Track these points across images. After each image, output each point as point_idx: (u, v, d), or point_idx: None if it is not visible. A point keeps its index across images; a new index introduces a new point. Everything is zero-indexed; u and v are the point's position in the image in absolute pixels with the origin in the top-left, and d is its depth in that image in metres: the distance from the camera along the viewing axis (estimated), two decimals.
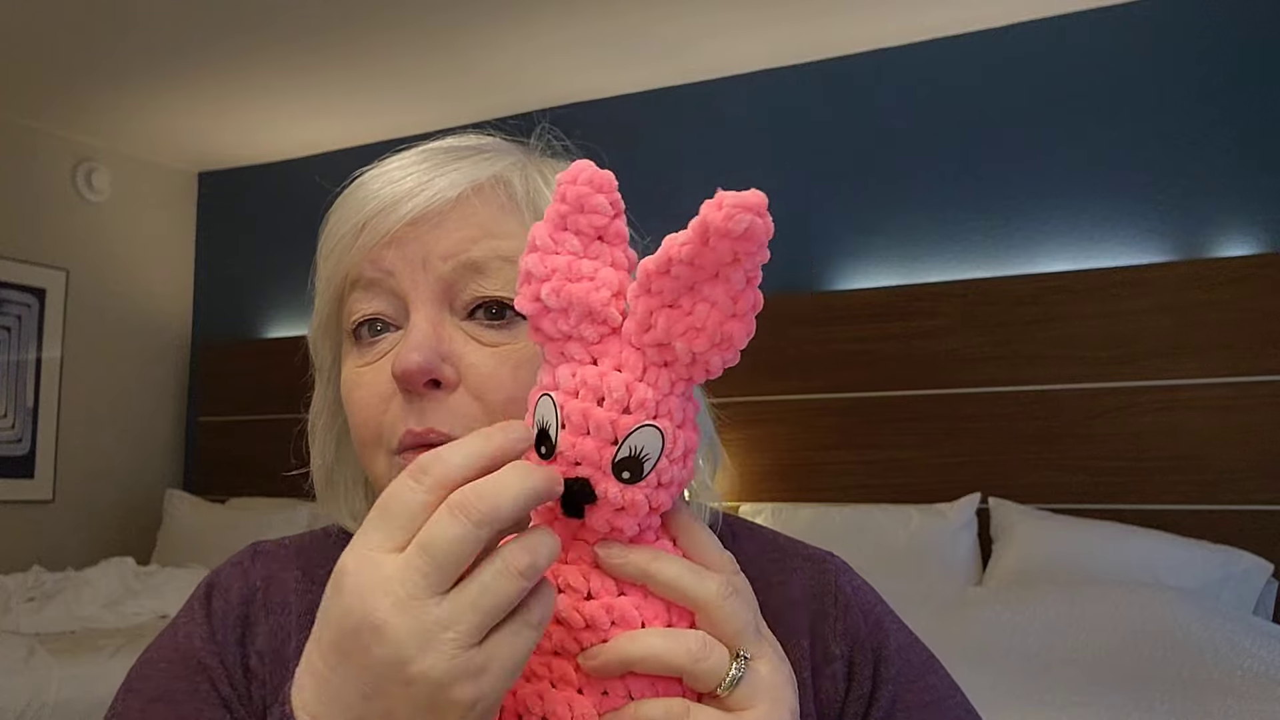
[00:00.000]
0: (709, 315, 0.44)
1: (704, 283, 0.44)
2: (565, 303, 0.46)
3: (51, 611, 3.01)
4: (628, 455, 0.45)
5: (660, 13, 3.13)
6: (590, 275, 0.47)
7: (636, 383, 0.45)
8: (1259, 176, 2.80)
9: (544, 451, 0.46)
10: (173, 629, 0.67)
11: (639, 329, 0.46)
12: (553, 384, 0.47)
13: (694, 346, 0.45)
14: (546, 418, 0.46)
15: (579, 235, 0.48)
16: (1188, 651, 2.09)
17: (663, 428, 0.46)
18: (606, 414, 0.45)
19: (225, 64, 3.54)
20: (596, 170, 0.47)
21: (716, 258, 0.43)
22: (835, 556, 0.70)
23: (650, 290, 0.45)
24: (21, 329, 4.08)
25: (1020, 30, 3.14)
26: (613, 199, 0.48)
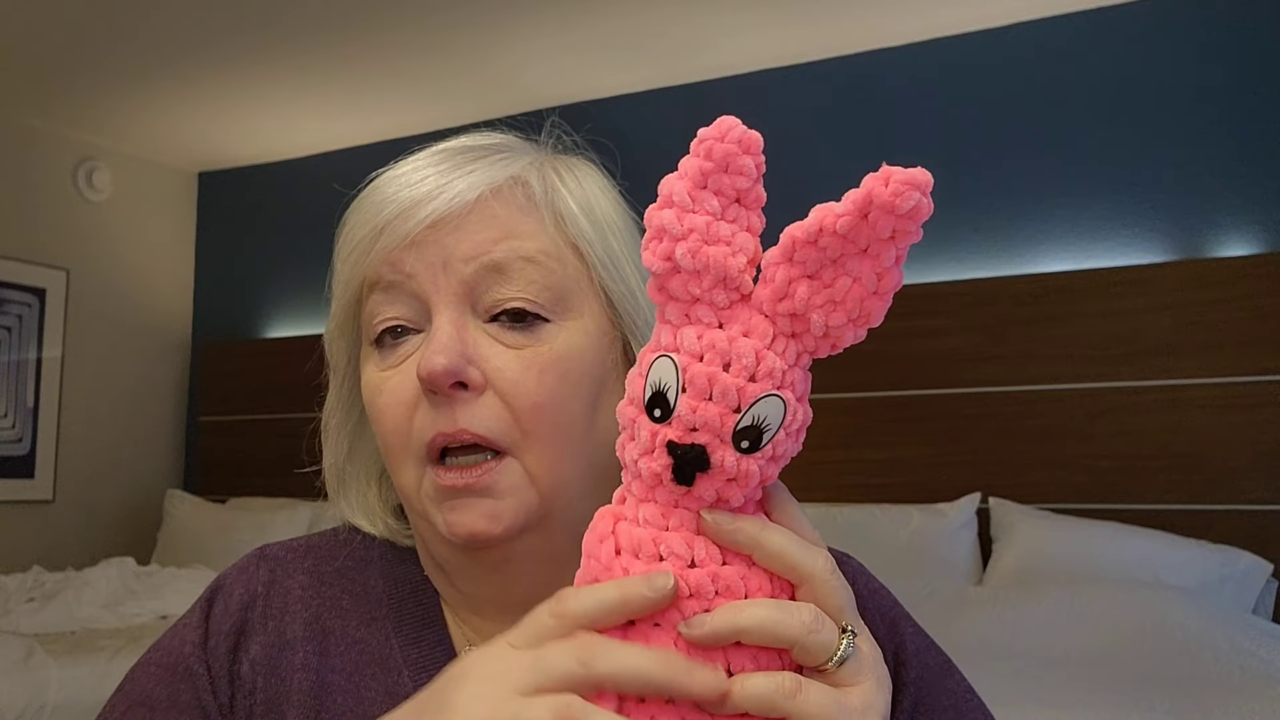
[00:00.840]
0: (850, 290, 0.43)
1: (851, 257, 0.43)
2: (701, 265, 0.45)
3: (51, 612, 3.01)
4: (750, 424, 0.44)
5: (662, 13, 3.13)
6: (728, 239, 0.45)
7: (766, 350, 0.44)
8: (1259, 176, 2.80)
9: (658, 415, 0.45)
10: (171, 633, 0.67)
11: (773, 297, 0.45)
12: (674, 345, 0.45)
13: (830, 320, 0.44)
14: (665, 379, 0.45)
15: (719, 195, 0.46)
16: (1188, 651, 2.09)
17: (786, 398, 0.45)
18: (733, 380, 0.44)
19: (225, 64, 3.54)
20: (745, 129, 0.46)
21: (873, 233, 0.42)
22: (852, 558, 0.70)
23: (793, 259, 0.44)
24: (21, 329, 4.08)
25: (1020, 30, 3.14)
26: (758, 161, 0.46)
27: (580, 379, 0.61)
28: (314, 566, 0.69)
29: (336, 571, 0.69)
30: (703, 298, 0.45)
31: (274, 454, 4.14)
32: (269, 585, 0.67)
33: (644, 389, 0.45)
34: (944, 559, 2.76)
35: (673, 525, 0.46)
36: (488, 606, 0.66)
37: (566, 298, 0.62)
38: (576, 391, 0.61)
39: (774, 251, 0.45)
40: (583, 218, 0.64)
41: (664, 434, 0.44)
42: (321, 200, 4.35)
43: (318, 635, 0.65)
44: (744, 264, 0.45)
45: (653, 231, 0.46)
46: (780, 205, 2.51)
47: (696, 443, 0.44)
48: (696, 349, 0.45)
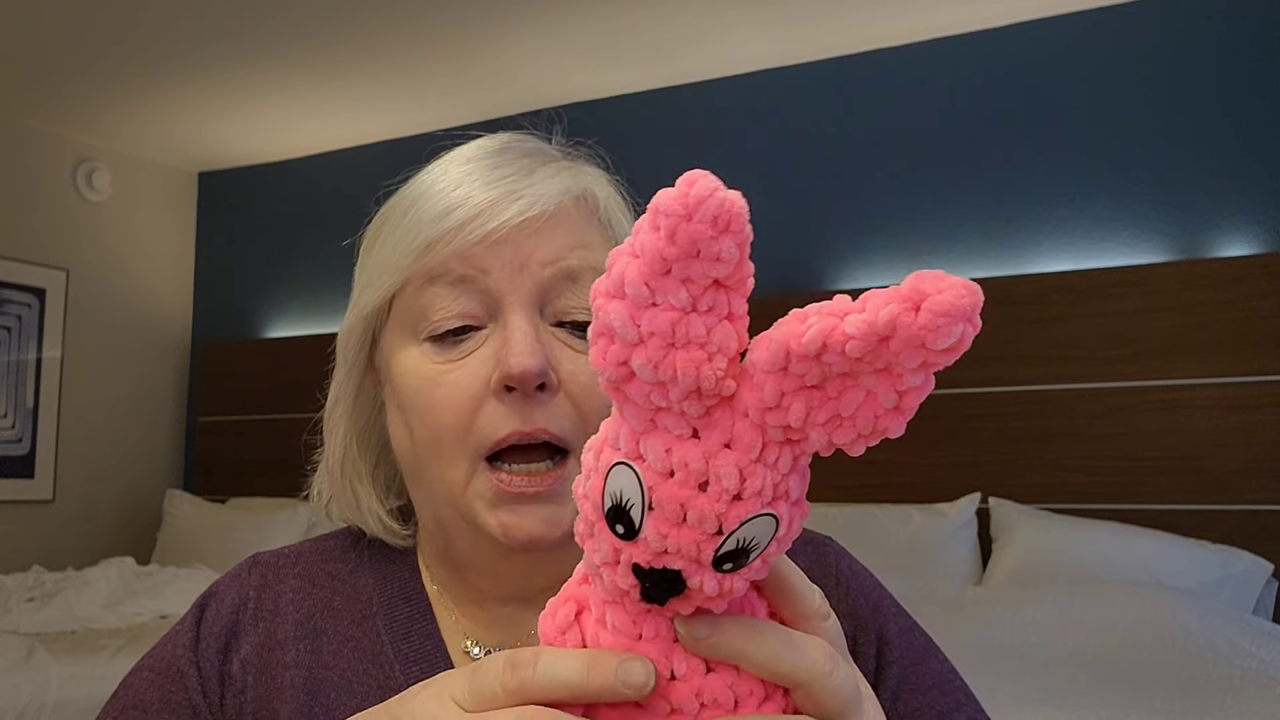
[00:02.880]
0: (862, 406, 0.35)
1: (862, 371, 0.35)
2: (667, 376, 0.35)
3: (51, 611, 3.01)
4: (734, 548, 0.37)
5: (660, 13, 3.13)
6: (702, 340, 0.35)
7: (753, 464, 0.36)
8: (1259, 176, 2.80)
9: (622, 532, 0.37)
10: (165, 639, 0.68)
11: (761, 406, 0.36)
12: (635, 454, 0.37)
13: (835, 438, 0.36)
14: (626, 493, 0.37)
15: (688, 284, 0.35)
16: (1188, 651, 2.09)
17: (779, 514, 0.37)
18: (712, 505, 0.36)
19: (225, 64, 3.54)
20: (722, 198, 0.33)
21: (894, 360, 0.33)
22: (834, 541, 0.71)
23: (787, 370, 0.35)
24: (21, 329, 4.08)
25: (1020, 30, 3.14)
26: (740, 239, 0.34)
27: None
28: (305, 571, 0.70)
29: (327, 574, 0.69)
30: (672, 408, 0.36)
31: (274, 454, 4.14)
32: (260, 589, 0.68)
33: (602, 496, 0.38)
34: (944, 559, 2.76)
35: (646, 634, 0.40)
36: (495, 599, 0.66)
37: None
38: None
39: (762, 355, 0.35)
40: (627, 234, 0.66)
41: (629, 554, 0.37)
42: (321, 200, 4.36)
43: (309, 635, 0.66)
44: (723, 367, 0.36)
45: (599, 327, 0.36)
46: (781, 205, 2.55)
47: (669, 566, 0.37)
48: (665, 465, 0.36)
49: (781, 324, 0.35)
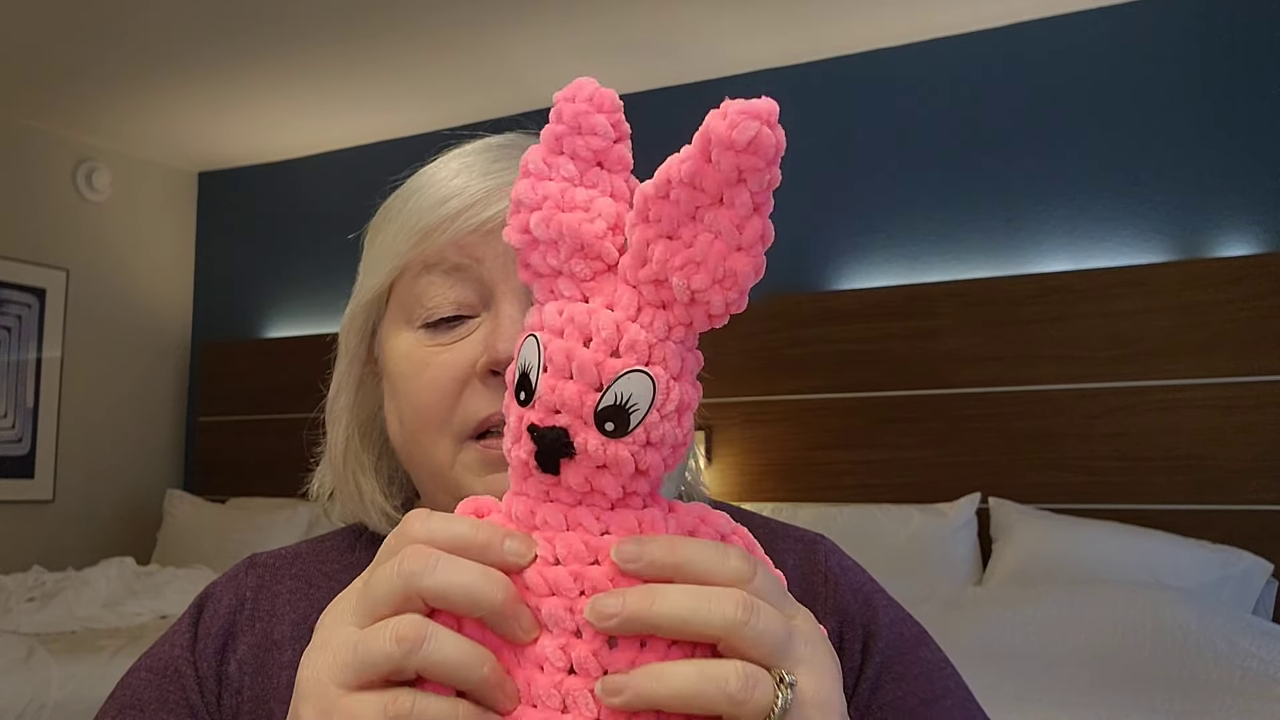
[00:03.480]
0: (711, 247, 0.39)
1: (707, 208, 0.39)
2: (555, 234, 0.42)
3: (51, 611, 3.01)
4: (612, 403, 0.40)
5: (662, 14, 3.13)
6: (584, 205, 0.42)
7: (629, 322, 0.40)
8: (1259, 176, 2.80)
9: (523, 398, 0.42)
10: (162, 640, 0.68)
11: (635, 263, 0.41)
12: (538, 324, 0.42)
13: (692, 283, 0.39)
14: (529, 360, 0.41)
15: (575, 159, 0.43)
16: (1188, 651, 2.10)
17: (655, 375, 0.40)
18: (592, 355, 0.40)
19: (225, 64, 3.54)
20: (597, 88, 0.43)
21: (720, 177, 0.38)
22: (826, 538, 0.71)
23: (648, 218, 0.40)
24: (21, 329, 4.08)
25: (1020, 30, 3.14)
26: (615, 120, 0.43)
27: None
28: (302, 571, 0.70)
29: (325, 575, 0.69)
30: (563, 270, 0.42)
31: (274, 454, 4.14)
32: (257, 590, 0.68)
33: (513, 372, 0.42)
34: (944, 559, 2.76)
35: (539, 523, 0.42)
36: None
37: None
38: None
39: (631, 214, 0.41)
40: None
41: (527, 417, 0.41)
42: (321, 200, 4.36)
43: (306, 634, 0.65)
44: (603, 229, 0.41)
45: (511, 206, 0.44)
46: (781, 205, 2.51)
47: (557, 425, 0.40)
48: (557, 324, 0.41)
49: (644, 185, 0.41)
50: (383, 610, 0.41)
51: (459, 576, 0.40)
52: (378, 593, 0.42)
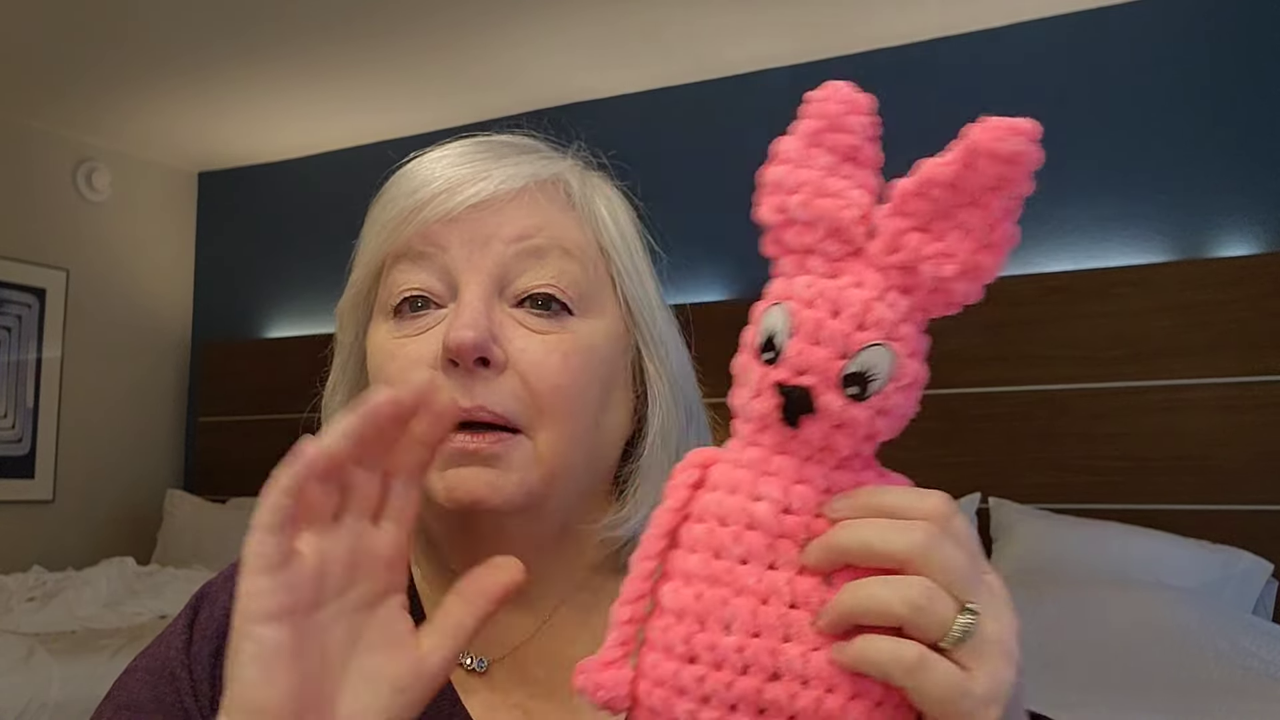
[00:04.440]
0: (962, 242, 0.44)
1: (961, 208, 0.44)
2: (814, 215, 0.46)
3: (51, 611, 3.01)
4: (857, 370, 0.44)
5: (662, 13, 3.13)
6: (838, 193, 0.46)
7: (875, 301, 0.45)
8: (1259, 176, 2.80)
9: (769, 358, 0.45)
10: (158, 640, 0.68)
11: (885, 250, 0.45)
12: (786, 293, 0.46)
13: (942, 271, 0.44)
14: (776, 325, 0.45)
15: (831, 153, 0.48)
16: (1188, 652, 2.09)
17: (895, 350, 0.45)
18: (840, 326, 0.44)
19: (225, 64, 3.54)
20: (854, 90, 0.48)
21: (979, 182, 0.43)
22: None
23: (903, 211, 0.45)
24: (21, 329, 4.08)
25: (1020, 30, 3.14)
26: (869, 121, 0.48)
27: (598, 371, 0.63)
28: None
29: None
30: (815, 249, 0.46)
31: (274, 454, 4.07)
32: None
33: (756, 334, 0.46)
34: None
35: (773, 470, 0.46)
36: None
37: (591, 297, 0.63)
38: (593, 381, 0.62)
39: (885, 206, 0.45)
40: (612, 225, 0.67)
41: (772, 375, 0.45)
42: (321, 200, 4.36)
43: None
44: (856, 216, 0.46)
45: (767, 187, 0.48)
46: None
47: (803, 384, 0.44)
48: (807, 296, 0.45)
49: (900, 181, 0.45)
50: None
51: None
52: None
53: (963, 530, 0.45)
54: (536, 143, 0.68)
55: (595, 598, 0.67)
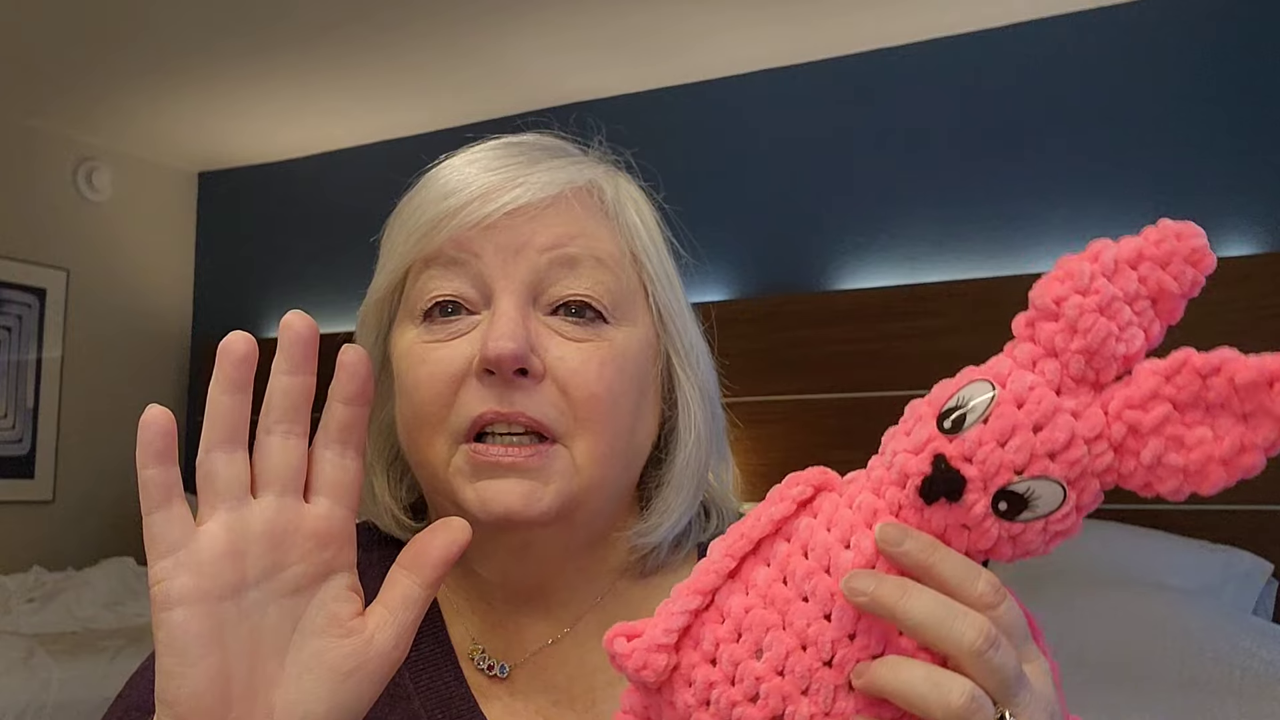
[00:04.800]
0: (1204, 441, 0.40)
1: (1228, 414, 0.40)
2: (1084, 326, 0.42)
3: (51, 612, 3.01)
4: (1021, 493, 0.41)
5: (662, 12, 3.13)
6: (1121, 322, 0.42)
7: (1083, 440, 0.41)
8: (1259, 176, 2.80)
9: (948, 427, 0.43)
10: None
11: (1125, 402, 0.41)
12: (1002, 378, 0.43)
13: (1165, 458, 0.40)
14: (974, 401, 0.43)
15: (1142, 283, 0.43)
16: (1188, 652, 2.09)
17: (1069, 494, 0.41)
18: (1035, 443, 0.41)
19: (225, 64, 3.54)
20: (1205, 245, 0.44)
21: (1270, 407, 0.39)
22: None
23: (1171, 379, 0.41)
24: (21, 329, 4.08)
25: (1020, 30, 3.14)
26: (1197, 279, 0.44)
27: (633, 378, 0.62)
28: None
29: None
30: (1060, 355, 0.43)
31: None
32: None
33: (949, 396, 0.44)
34: None
35: (871, 518, 0.44)
36: (499, 592, 0.66)
37: (624, 304, 0.63)
38: (628, 389, 0.62)
39: (1155, 361, 0.42)
40: (644, 232, 0.66)
41: (939, 445, 0.43)
42: (321, 200, 4.36)
43: None
44: (1121, 353, 0.42)
45: (1061, 272, 0.44)
46: (781, 205, 2.53)
47: (962, 472, 0.41)
48: (1021, 394, 0.42)
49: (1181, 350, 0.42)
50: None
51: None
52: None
53: (1012, 621, 0.44)
54: (564, 144, 0.68)
55: (620, 605, 0.66)
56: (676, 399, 0.67)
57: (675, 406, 0.67)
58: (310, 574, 0.48)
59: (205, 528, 0.46)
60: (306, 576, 0.48)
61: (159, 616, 0.45)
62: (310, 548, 0.48)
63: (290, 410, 0.50)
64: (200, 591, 0.45)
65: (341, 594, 0.49)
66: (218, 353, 0.49)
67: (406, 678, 0.64)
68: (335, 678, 0.47)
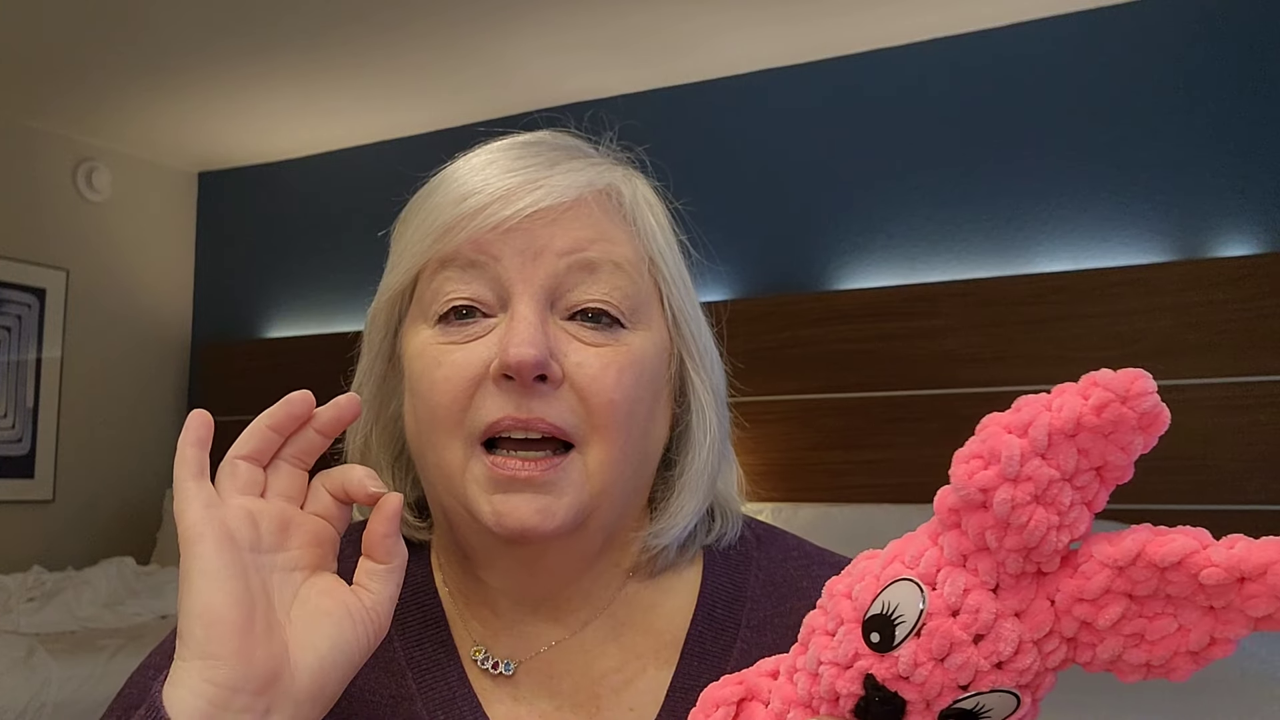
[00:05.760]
0: (1170, 637, 0.36)
1: (1193, 607, 0.36)
2: (1018, 523, 0.37)
3: (51, 611, 3.01)
4: (970, 710, 0.37)
5: (662, 13, 3.13)
6: (1063, 509, 0.37)
7: (1031, 644, 0.37)
8: (1259, 176, 2.80)
9: (875, 640, 0.38)
10: (169, 636, 0.67)
11: (1075, 596, 0.37)
12: (932, 579, 0.38)
13: (1127, 655, 0.36)
14: (902, 610, 0.38)
15: (1082, 455, 0.37)
16: None
17: (1022, 700, 0.38)
18: (977, 657, 0.36)
19: (225, 64, 3.54)
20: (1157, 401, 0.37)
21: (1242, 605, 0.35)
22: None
23: (1124, 571, 0.37)
24: (21, 329, 4.08)
25: (1020, 30, 3.14)
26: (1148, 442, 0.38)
27: (649, 383, 0.62)
28: None
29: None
30: (996, 554, 0.38)
31: None
32: None
33: (873, 597, 0.39)
34: None
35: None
36: (506, 599, 0.66)
37: (640, 308, 0.63)
38: (644, 394, 0.62)
39: (1105, 547, 0.37)
40: (660, 235, 0.66)
41: (869, 664, 0.38)
42: (321, 200, 4.36)
43: None
44: (1064, 545, 0.37)
45: (985, 448, 0.38)
46: (781, 205, 2.53)
47: (900, 694, 0.37)
48: (955, 602, 0.37)
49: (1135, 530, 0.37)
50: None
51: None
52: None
53: None
54: (579, 143, 0.67)
55: (628, 608, 0.66)
56: (689, 401, 0.67)
57: (687, 408, 0.67)
58: (307, 561, 0.55)
59: (228, 499, 0.55)
60: (304, 561, 0.55)
61: (191, 549, 0.51)
62: (308, 541, 0.55)
63: (304, 452, 0.58)
64: (226, 534, 0.51)
65: (333, 580, 0.56)
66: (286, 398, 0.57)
67: (410, 680, 0.64)
68: (334, 624, 0.53)
